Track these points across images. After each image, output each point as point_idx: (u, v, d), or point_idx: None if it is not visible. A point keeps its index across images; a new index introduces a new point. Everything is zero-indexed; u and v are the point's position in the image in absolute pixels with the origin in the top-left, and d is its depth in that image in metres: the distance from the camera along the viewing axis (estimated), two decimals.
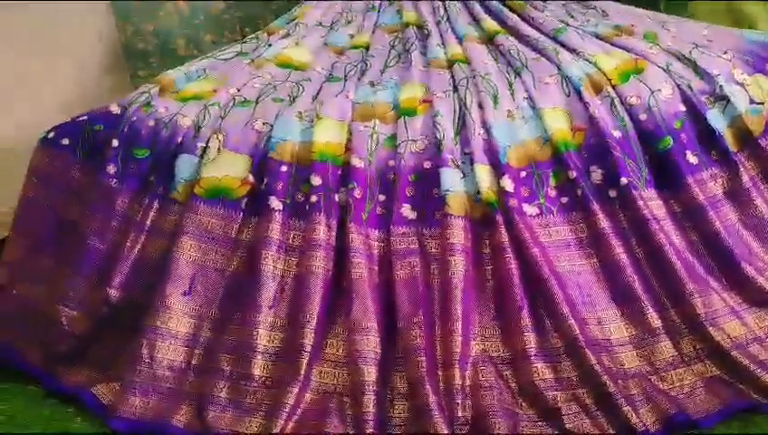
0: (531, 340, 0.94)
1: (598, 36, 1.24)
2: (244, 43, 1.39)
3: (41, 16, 1.93)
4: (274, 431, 0.89)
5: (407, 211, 1.05)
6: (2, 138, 1.69)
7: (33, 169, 1.15)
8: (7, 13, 1.77)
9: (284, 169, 1.07)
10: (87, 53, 2.21)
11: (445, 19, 1.36)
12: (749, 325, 0.98)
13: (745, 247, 1.05)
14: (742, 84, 1.10)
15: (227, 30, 2.41)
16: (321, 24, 1.40)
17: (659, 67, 1.13)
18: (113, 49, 2.35)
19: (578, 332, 0.93)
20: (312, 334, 0.95)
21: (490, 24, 1.32)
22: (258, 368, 0.95)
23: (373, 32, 1.37)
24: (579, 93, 1.11)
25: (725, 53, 1.15)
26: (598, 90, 1.12)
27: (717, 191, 1.07)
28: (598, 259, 1.03)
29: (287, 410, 0.90)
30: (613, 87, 1.12)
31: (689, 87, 1.10)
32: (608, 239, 1.02)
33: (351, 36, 1.36)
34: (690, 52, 1.15)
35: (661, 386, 0.93)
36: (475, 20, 1.35)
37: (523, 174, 1.07)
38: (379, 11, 1.43)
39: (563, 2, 1.41)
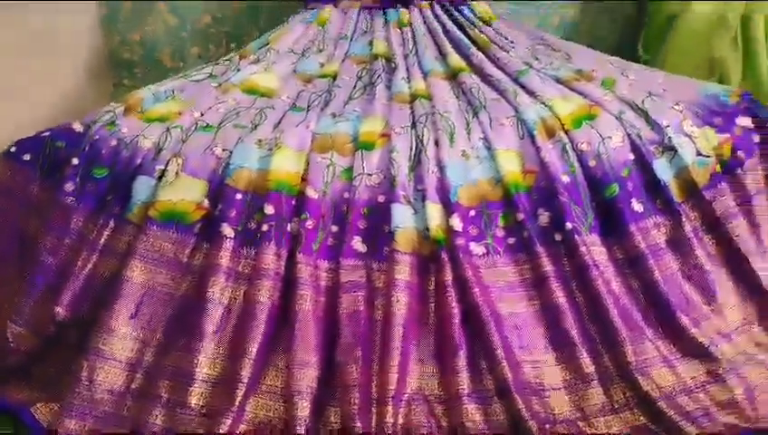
0: (464, 381, 0.96)
1: (558, 80, 1.27)
2: (217, 64, 1.41)
3: (24, 19, 1.93)
4: None
5: (357, 244, 1.07)
6: None
7: None
8: None
9: (239, 196, 1.08)
10: (70, 59, 2.22)
11: (413, 53, 1.39)
12: (680, 375, 1.00)
13: (684, 297, 1.07)
14: (690, 136, 1.13)
15: (213, 44, 2.43)
16: (292, 50, 1.42)
17: (612, 115, 1.16)
18: (98, 56, 2.37)
19: (509, 375, 0.95)
20: (251, 365, 0.96)
21: (456, 60, 1.35)
22: (195, 397, 0.96)
23: (343, 61, 1.39)
24: (532, 137, 1.14)
25: (678, 104, 1.18)
26: (551, 134, 1.15)
27: (660, 240, 1.09)
28: (539, 302, 1.05)
29: None
30: (566, 132, 1.14)
31: (639, 136, 1.13)
32: (549, 283, 1.04)
33: (321, 65, 1.38)
34: (643, 101, 1.18)
35: (589, 432, 0.95)
36: (442, 55, 1.38)
37: (473, 213, 1.10)
38: (351, 40, 1.46)
39: (532, 42, 1.44)
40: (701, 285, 1.09)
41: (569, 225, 1.06)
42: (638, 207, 1.10)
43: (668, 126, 1.14)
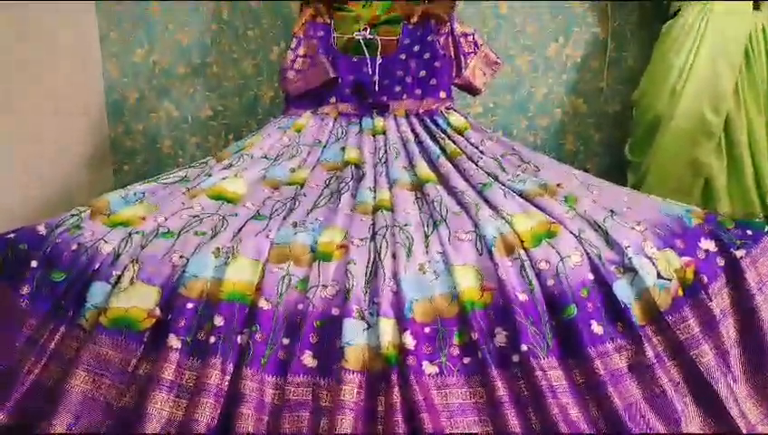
0: None
1: (522, 193, 1.28)
2: (192, 167, 1.45)
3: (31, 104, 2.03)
4: None
5: (307, 359, 1.05)
6: None
7: None
8: None
9: (190, 306, 1.08)
10: (74, 147, 2.32)
11: (383, 161, 1.41)
12: None
13: (647, 427, 1.02)
14: (650, 258, 1.11)
15: (212, 135, 2.52)
16: (266, 156, 1.45)
17: (572, 233, 1.15)
18: (101, 143, 2.47)
19: None
20: None
21: (424, 170, 1.37)
22: None
23: (314, 168, 1.42)
24: (491, 253, 1.13)
25: (639, 223, 1.17)
26: (510, 251, 1.13)
27: (621, 365, 1.05)
28: (493, 428, 1.00)
29: None
30: (525, 250, 1.13)
31: (599, 257, 1.11)
32: (504, 409, 1.00)
33: (293, 170, 1.41)
34: (604, 220, 1.18)
35: None
36: (412, 165, 1.40)
37: (428, 330, 1.07)
38: (325, 146, 1.49)
39: (503, 152, 1.46)
40: (665, 414, 1.03)
41: (524, 347, 1.03)
42: (597, 329, 1.06)
43: (629, 247, 1.12)
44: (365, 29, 1.60)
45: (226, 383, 1.01)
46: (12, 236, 1.19)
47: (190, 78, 2.45)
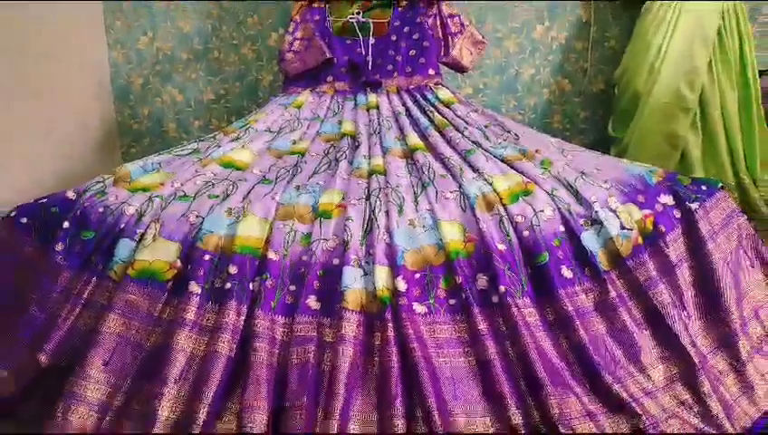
0: (399, 426, 1.04)
1: (503, 158, 1.42)
2: (202, 140, 1.58)
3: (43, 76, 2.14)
4: None
5: (312, 302, 1.19)
6: None
7: None
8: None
9: (207, 257, 1.21)
10: (83, 130, 2.43)
11: (376, 132, 1.55)
12: (603, 429, 1.07)
13: (610, 356, 1.16)
14: (614, 211, 1.25)
15: (215, 117, 2.64)
16: (269, 129, 1.58)
17: (545, 191, 1.29)
18: (108, 126, 2.59)
19: (439, 424, 1.04)
20: (207, 409, 1.06)
21: (414, 139, 1.50)
22: None
23: (313, 139, 1.55)
24: (473, 209, 1.27)
25: (606, 182, 1.31)
26: (490, 207, 1.27)
27: (588, 304, 1.19)
28: (475, 358, 1.15)
29: None
30: (503, 206, 1.27)
31: (569, 211, 1.25)
32: (484, 341, 1.14)
33: (294, 142, 1.55)
34: (575, 180, 1.32)
35: None
36: (403, 135, 1.54)
37: (418, 275, 1.21)
38: (323, 120, 1.62)
39: (487, 122, 1.59)
40: (627, 345, 1.17)
41: (502, 288, 1.17)
42: (567, 273, 1.20)
43: (596, 202, 1.26)
44: (358, 13, 1.73)
45: (241, 323, 1.15)
46: (44, 201, 1.32)
47: (193, 63, 2.57)
